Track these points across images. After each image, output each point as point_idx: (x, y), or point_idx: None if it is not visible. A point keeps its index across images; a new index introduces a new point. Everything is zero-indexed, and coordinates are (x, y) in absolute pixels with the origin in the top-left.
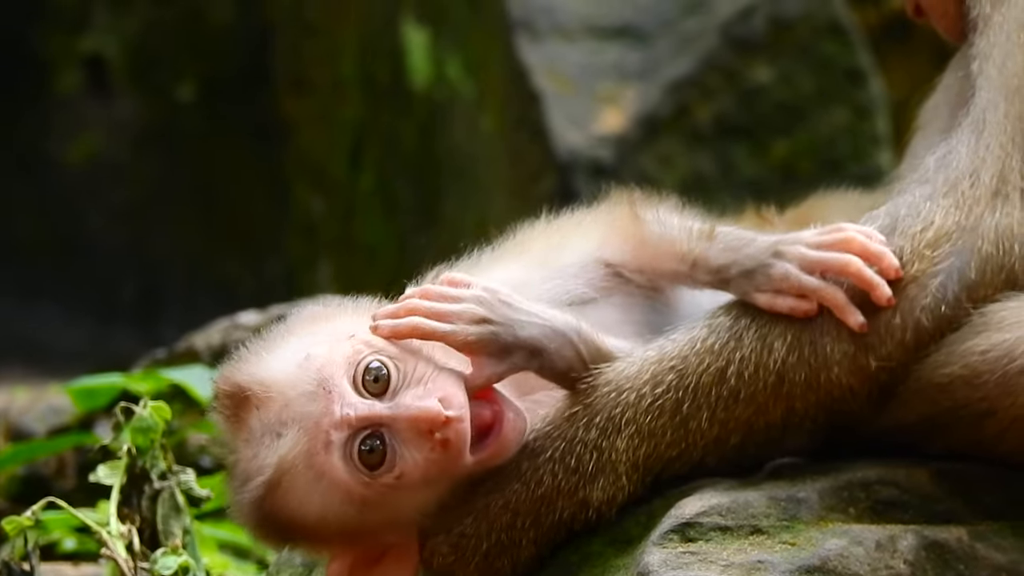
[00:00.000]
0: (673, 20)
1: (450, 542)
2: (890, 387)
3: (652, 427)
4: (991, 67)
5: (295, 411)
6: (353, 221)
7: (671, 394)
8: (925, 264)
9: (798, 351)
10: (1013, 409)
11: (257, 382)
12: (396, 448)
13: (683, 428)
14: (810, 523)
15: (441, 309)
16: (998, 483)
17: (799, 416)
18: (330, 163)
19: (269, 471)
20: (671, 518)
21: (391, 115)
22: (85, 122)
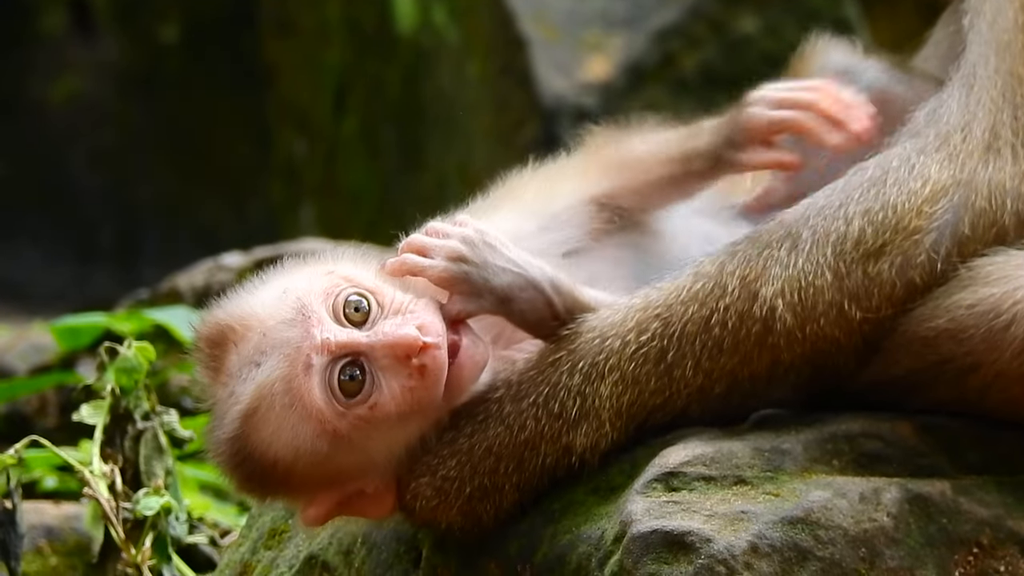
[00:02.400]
0: None
1: (434, 485)
2: (875, 341)
3: (636, 374)
4: (982, 22)
5: (274, 338)
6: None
7: (655, 342)
8: (923, 220)
9: (784, 300)
10: (998, 364)
11: (236, 318)
12: (374, 377)
13: (667, 376)
14: (794, 474)
15: (428, 243)
16: (982, 438)
17: (784, 368)
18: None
19: (246, 400)
20: (655, 467)
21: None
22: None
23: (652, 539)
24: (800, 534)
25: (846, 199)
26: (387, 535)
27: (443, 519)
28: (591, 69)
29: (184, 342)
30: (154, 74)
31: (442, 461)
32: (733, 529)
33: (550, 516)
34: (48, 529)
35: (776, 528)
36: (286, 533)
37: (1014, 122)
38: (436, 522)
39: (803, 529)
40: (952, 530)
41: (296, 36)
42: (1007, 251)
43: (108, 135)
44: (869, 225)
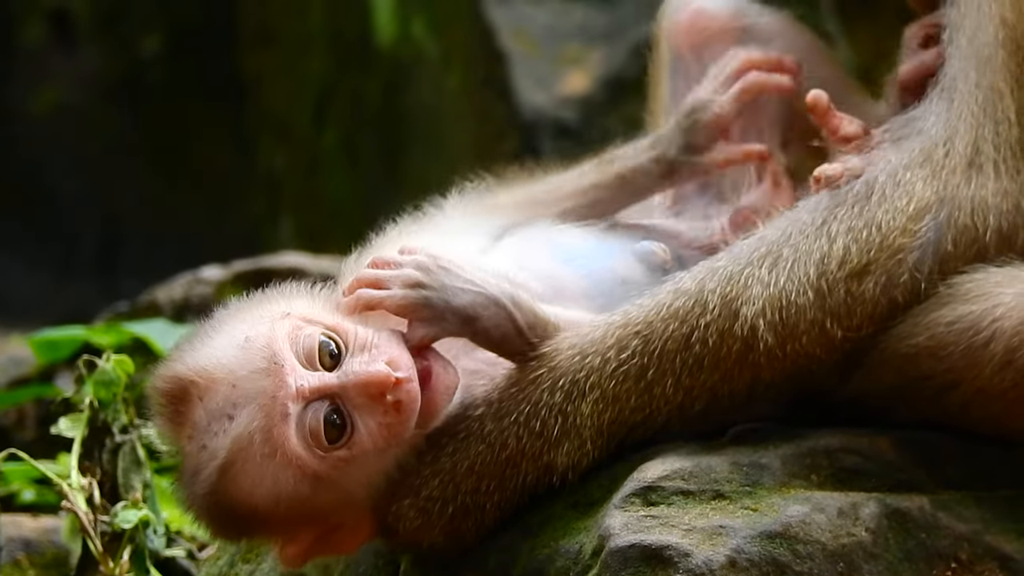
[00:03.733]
0: None
1: (417, 506)
2: (855, 357)
3: (616, 392)
4: (962, 37)
5: (246, 389)
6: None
7: (636, 359)
8: (907, 239)
9: (765, 319)
10: (977, 381)
11: (198, 371)
12: (350, 417)
13: (647, 394)
14: (772, 489)
15: (381, 275)
16: (961, 453)
17: (765, 385)
18: (294, 118)
19: (223, 454)
20: (633, 481)
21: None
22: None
23: (630, 553)
24: (778, 549)
25: (829, 216)
26: (365, 549)
27: (426, 539)
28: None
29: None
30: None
31: (425, 482)
32: (711, 544)
33: (529, 530)
34: (26, 542)
35: (754, 543)
36: (264, 547)
37: (996, 137)
38: (419, 543)
39: (781, 544)
40: (931, 545)
41: (277, 47)
42: (986, 268)
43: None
44: (853, 243)
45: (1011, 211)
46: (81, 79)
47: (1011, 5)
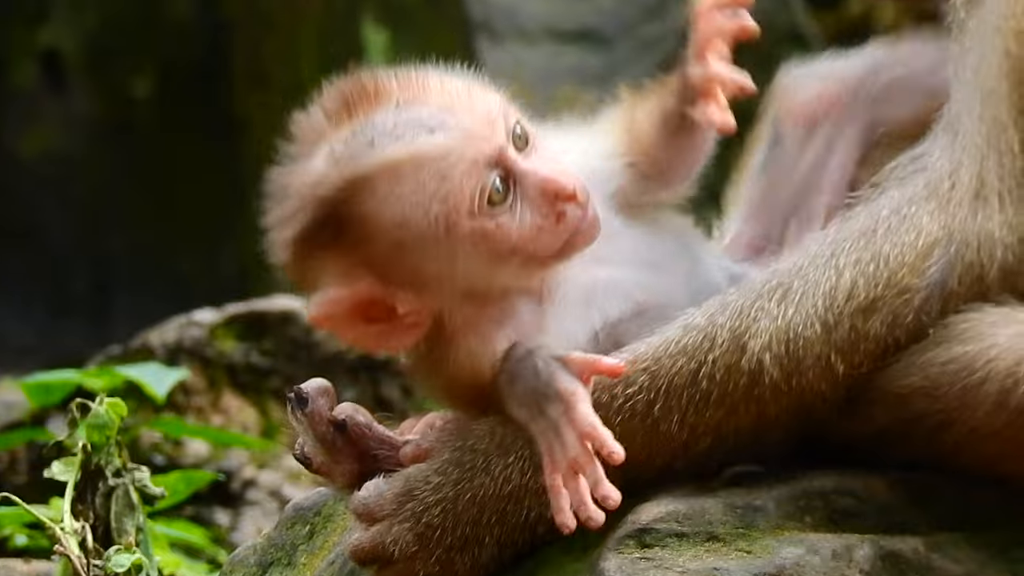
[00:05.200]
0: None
1: (416, 531)
2: (853, 394)
3: (622, 429)
4: (966, 70)
5: (461, 119)
6: None
7: (642, 395)
8: (916, 278)
9: (772, 352)
10: (972, 421)
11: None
12: (515, 201)
13: (654, 431)
14: (766, 531)
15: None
16: (955, 494)
17: (770, 420)
18: None
19: (394, 155)
20: (628, 523)
21: None
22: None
23: None
24: None
25: (837, 249)
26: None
27: (421, 568)
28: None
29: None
30: (126, 127)
31: (427, 508)
32: None
33: (524, 573)
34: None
35: None
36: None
37: (1000, 168)
38: (413, 572)
39: None
40: None
41: (269, 89)
42: (982, 308)
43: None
44: (860, 277)
45: (1015, 244)
46: (72, 121)
47: (1015, 37)
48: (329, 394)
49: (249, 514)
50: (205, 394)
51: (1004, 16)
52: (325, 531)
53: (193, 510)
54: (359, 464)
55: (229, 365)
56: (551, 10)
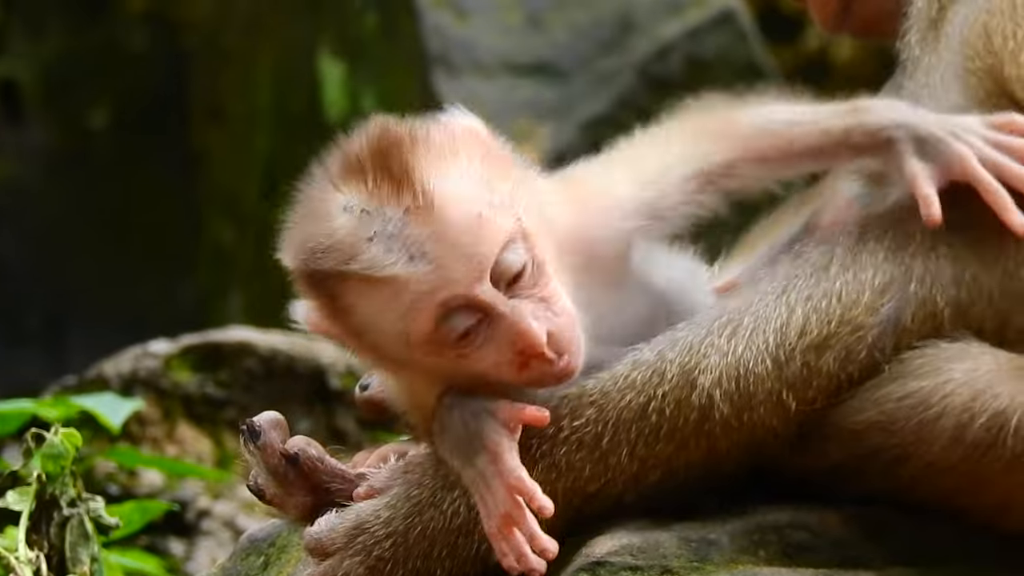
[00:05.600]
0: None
1: (367, 564)
2: (807, 430)
3: (569, 461)
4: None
5: (446, 256)
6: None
7: (590, 428)
8: (869, 316)
9: (722, 388)
10: (927, 456)
11: (435, 184)
12: (483, 338)
13: (602, 463)
14: (720, 565)
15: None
16: (910, 529)
17: (721, 455)
18: (243, 193)
19: (382, 269)
20: (582, 556)
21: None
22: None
23: None
24: None
25: (789, 286)
26: None
27: None
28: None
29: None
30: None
31: (377, 542)
32: None
33: None
34: None
35: None
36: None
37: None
38: None
39: None
40: None
41: (226, 122)
42: (937, 344)
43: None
44: (813, 313)
45: (969, 282)
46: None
47: (976, 75)
48: (281, 427)
49: (204, 544)
50: (160, 424)
51: (965, 54)
52: (279, 562)
53: (148, 540)
54: (312, 497)
55: (184, 396)
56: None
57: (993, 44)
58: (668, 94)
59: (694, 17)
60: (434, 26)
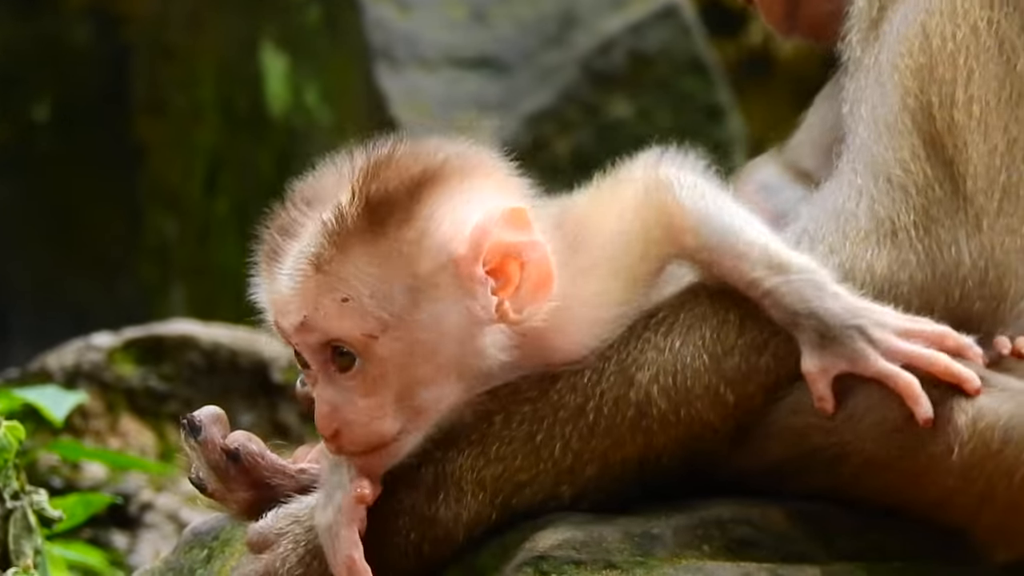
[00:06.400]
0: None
1: (298, 553)
2: (748, 427)
3: (500, 451)
4: (864, 108)
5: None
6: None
7: (524, 425)
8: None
9: (659, 384)
10: (865, 451)
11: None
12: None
13: (535, 455)
14: (664, 559)
15: None
16: (853, 524)
17: (658, 451)
18: (185, 187)
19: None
20: (525, 551)
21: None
22: None
23: None
24: None
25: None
26: None
27: None
28: None
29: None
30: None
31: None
32: None
33: None
34: None
35: None
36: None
37: (900, 204)
38: None
39: None
40: None
41: (168, 116)
42: None
43: None
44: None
45: (906, 282)
46: None
47: (912, 74)
48: (222, 422)
49: (147, 537)
50: (103, 417)
51: (900, 54)
52: (223, 555)
53: (91, 533)
54: (253, 492)
55: (127, 389)
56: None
57: (931, 44)
58: (611, 88)
59: (637, 12)
60: (377, 19)
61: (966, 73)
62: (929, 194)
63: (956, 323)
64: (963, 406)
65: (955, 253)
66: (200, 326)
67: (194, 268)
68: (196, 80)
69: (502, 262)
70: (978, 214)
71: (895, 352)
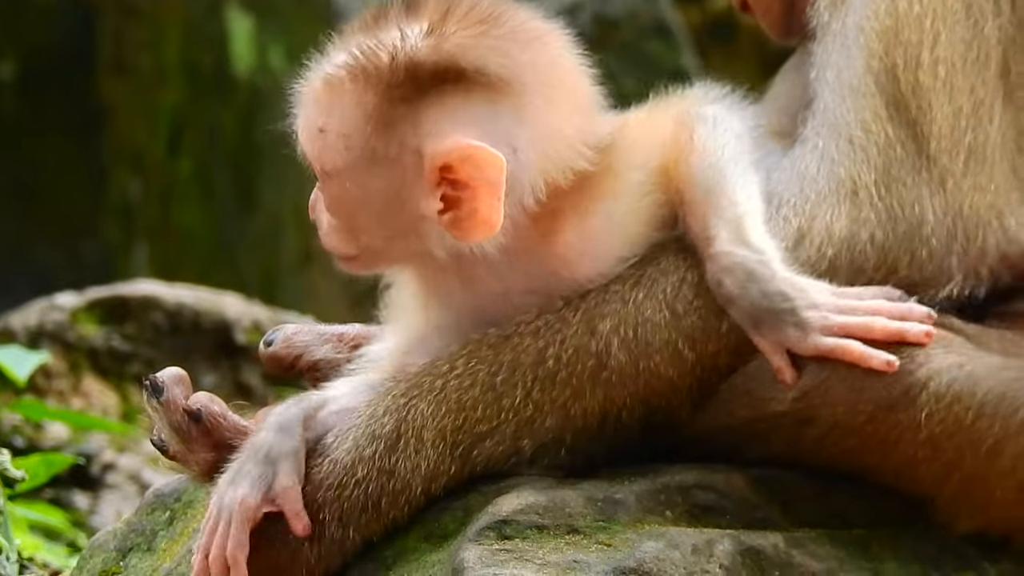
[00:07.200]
0: None
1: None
2: (712, 387)
3: (461, 398)
4: (829, 72)
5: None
6: (170, 206)
7: (484, 367)
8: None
9: (620, 335)
10: (833, 417)
11: None
12: None
13: (496, 404)
14: (627, 525)
15: None
16: (816, 491)
17: (618, 405)
18: (149, 148)
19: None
20: (487, 515)
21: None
22: None
23: None
24: None
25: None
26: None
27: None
28: None
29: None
30: None
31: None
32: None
33: (382, 563)
34: None
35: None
36: (118, 575)
37: (865, 164)
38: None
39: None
40: None
41: (132, 77)
42: None
43: None
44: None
45: (866, 241)
46: None
47: (878, 36)
48: (184, 383)
49: (108, 498)
50: (66, 377)
51: (866, 17)
52: (185, 517)
53: (53, 493)
54: (215, 453)
55: (90, 349)
56: None
57: (897, 8)
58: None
59: None
60: None
61: (932, 36)
62: (890, 154)
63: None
64: (937, 376)
65: (918, 211)
66: (164, 287)
67: (158, 228)
68: (161, 41)
69: (459, 185)
70: (942, 173)
71: (829, 328)
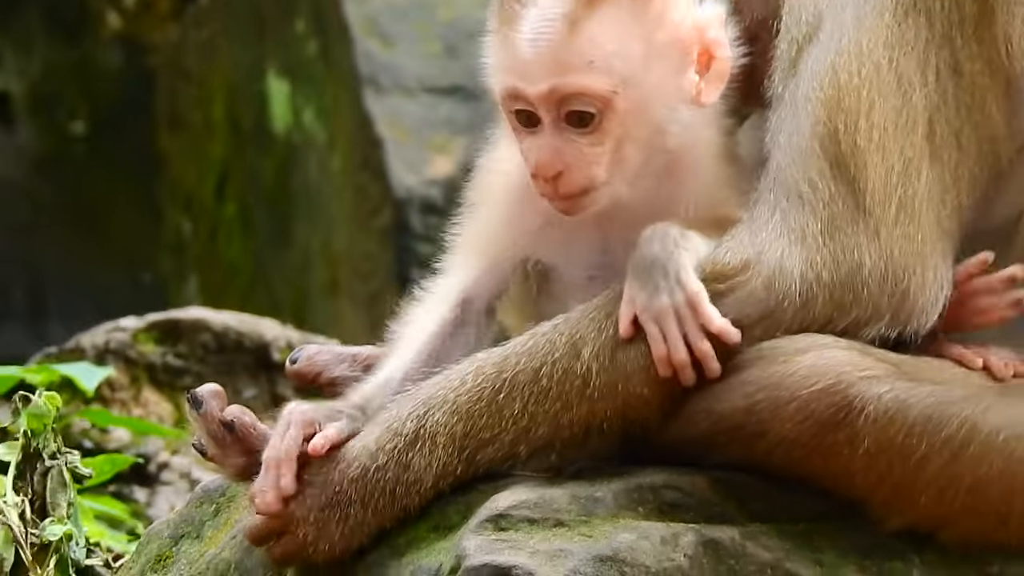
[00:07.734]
0: None
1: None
2: (680, 402)
3: (469, 409)
4: (781, 136)
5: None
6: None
7: (488, 384)
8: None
9: (599, 361)
10: (781, 431)
11: None
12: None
13: (497, 414)
14: (605, 519)
15: None
16: (767, 491)
17: (600, 418)
18: (199, 192)
19: None
20: (486, 509)
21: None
22: None
23: (483, 571)
24: (609, 570)
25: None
26: (256, 563)
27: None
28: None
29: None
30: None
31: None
32: (552, 564)
33: (396, 549)
34: None
35: (589, 564)
36: (170, 559)
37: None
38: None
39: (612, 566)
40: (739, 570)
41: (185, 130)
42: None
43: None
44: None
45: (814, 280)
46: (17, 153)
47: (823, 104)
48: (220, 397)
49: (163, 492)
50: (128, 389)
51: (812, 87)
52: (228, 509)
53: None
54: (246, 457)
55: (149, 365)
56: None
57: (839, 79)
58: None
59: None
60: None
61: (868, 104)
62: (833, 208)
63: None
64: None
65: (857, 256)
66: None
67: (206, 262)
68: (210, 100)
69: (706, 53)
70: (876, 223)
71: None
